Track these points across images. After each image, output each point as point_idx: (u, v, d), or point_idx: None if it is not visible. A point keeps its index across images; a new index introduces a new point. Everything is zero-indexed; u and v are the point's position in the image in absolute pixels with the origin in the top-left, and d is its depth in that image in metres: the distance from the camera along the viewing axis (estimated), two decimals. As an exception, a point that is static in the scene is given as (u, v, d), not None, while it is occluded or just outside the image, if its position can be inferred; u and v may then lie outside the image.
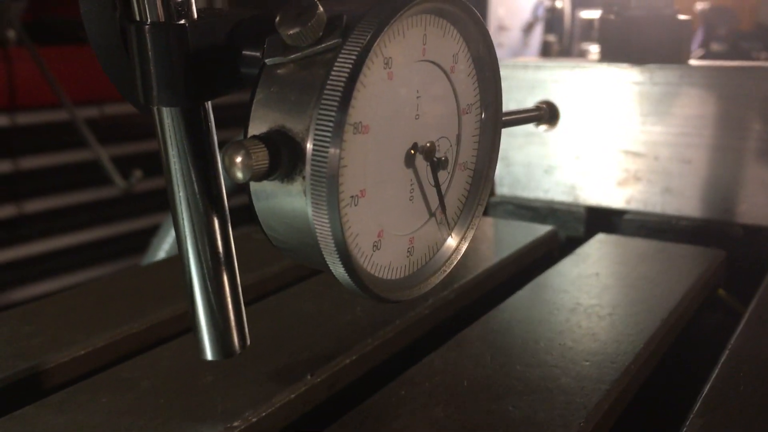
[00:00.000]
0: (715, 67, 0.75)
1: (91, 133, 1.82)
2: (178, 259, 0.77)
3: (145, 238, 1.42)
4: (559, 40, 2.70)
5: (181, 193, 0.39)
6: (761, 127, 0.72)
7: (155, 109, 0.38)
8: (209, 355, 0.42)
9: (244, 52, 0.39)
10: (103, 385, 0.48)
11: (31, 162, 1.88)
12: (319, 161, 0.31)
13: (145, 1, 0.36)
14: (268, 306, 0.60)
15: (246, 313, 0.54)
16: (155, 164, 1.55)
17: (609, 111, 0.81)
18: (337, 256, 0.33)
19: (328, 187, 0.31)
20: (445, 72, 0.38)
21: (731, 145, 0.73)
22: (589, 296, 0.59)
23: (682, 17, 0.80)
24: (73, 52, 1.89)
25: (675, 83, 0.75)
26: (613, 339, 0.52)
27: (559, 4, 2.67)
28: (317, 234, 0.33)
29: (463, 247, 0.41)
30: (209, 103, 0.39)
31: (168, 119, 0.38)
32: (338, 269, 0.34)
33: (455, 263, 0.41)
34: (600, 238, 0.75)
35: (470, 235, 0.42)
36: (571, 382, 0.45)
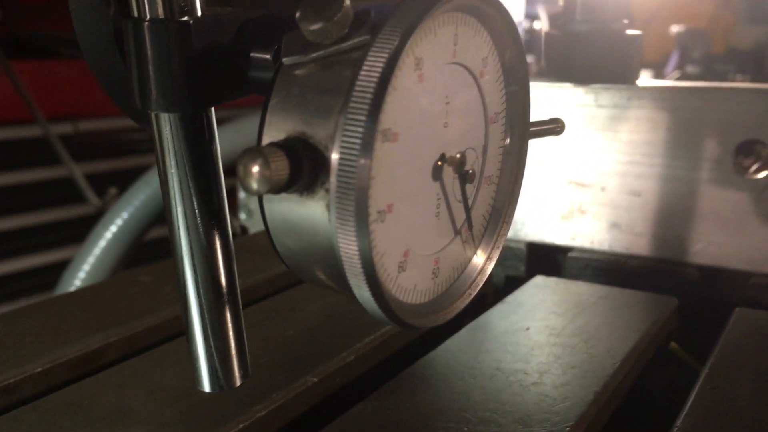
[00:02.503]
0: (665, 88, 0.67)
1: (65, 150, 1.76)
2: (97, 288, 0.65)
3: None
4: (538, 61, 2.71)
5: (179, 208, 0.36)
6: (718, 156, 0.64)
7: (153, 115, 0.35)
8: (207, 386, 0.38)
9: (252, 54, 0.35)
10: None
11: (2, 178, 1.82)
12: (346, 172, 0.28)
13: (144, -4, 0.32)
14: (130, 371, 0.50)
15: (96, 383, 0.48)
16: (131, 182, 1.50)
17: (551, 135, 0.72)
18: (364, 278, 0.29)
19: (357, 202, 0.28)
20: (474, 77, 0.35)
21: (685, 175, 0.65)
22: (514, 358, 0.50)
23: (631, 32, 0.72)
24: (47, 67, 1.84)
25: (622, 105, 0.67)
26: (535, 419, 0.42)
27: (537, 26, 2.67)
28: (341, 253, 0.29)
29: (489, 268, 0.38)
30: (212, 109, 0.36)
31: (167, 127, 0.35)
32: (363, 293, 0.30)
33: (480, 285, 0.38)
34: (537, 281, 0.66)
35: (496, 254, 0.39)
36: None
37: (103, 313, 0.57)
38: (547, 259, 0.74)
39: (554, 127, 0.46)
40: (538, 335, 0.53)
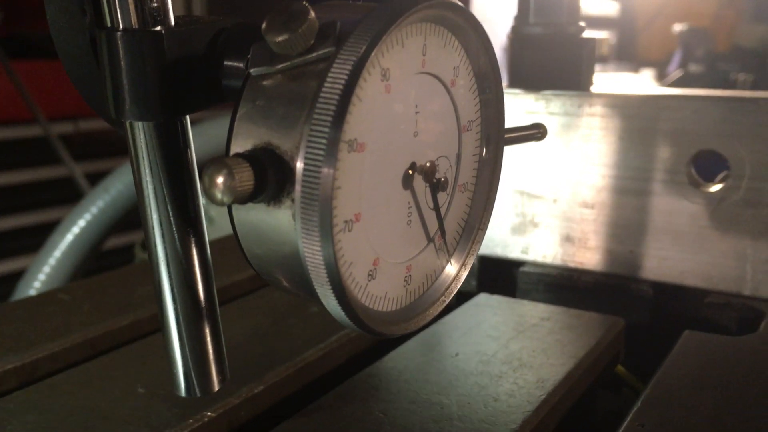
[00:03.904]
0: (617, 95, 0.63)
1: (66, 149, 1.77)
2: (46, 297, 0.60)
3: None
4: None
5: (155, 216, 0.36)
6: (672, 167, 0.60)
7: (127, 123, 0.35)
8: (183, 391, 0.38)
9: (226, 63, 0.35)
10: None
11: (3, 178, 1.83)
12: (310, 182, 0.28)
13: (117, 6, 0.33)
14: (40, 394, 0.46)
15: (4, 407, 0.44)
16: (131, 182, 1.45)
17: (502, 144, 0.67)
18: (330, 287, 0.29)
19: (321, 211, 0.28)
20: (445, 86, 0.35)
21: (638, 187, 0.62)
22: (435, 389, 0.45)
23: (586, 36, 0.68)
24: (47, 67, 1.85)
25: (573, 113, 0.64)
26: None
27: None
28: (307, 263, 0.29)
29: (463, 275, 0.38)
30: (187, 117, 0.36)
31: (141, 135, 0.35)
32: (330, 302, 0.30)
33: (455, 293, 0.38)
34: (479, 300, 0.61)
35: (470, 262, 0.39)
36: None
37: (8, 335, 0.53)
38: (499, 274, 0.70)
39: (535, 132, 0.47)
40: (466, 362, 0.49)
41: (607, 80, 0.73)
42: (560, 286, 0.65)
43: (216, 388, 0.38)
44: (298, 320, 0.55)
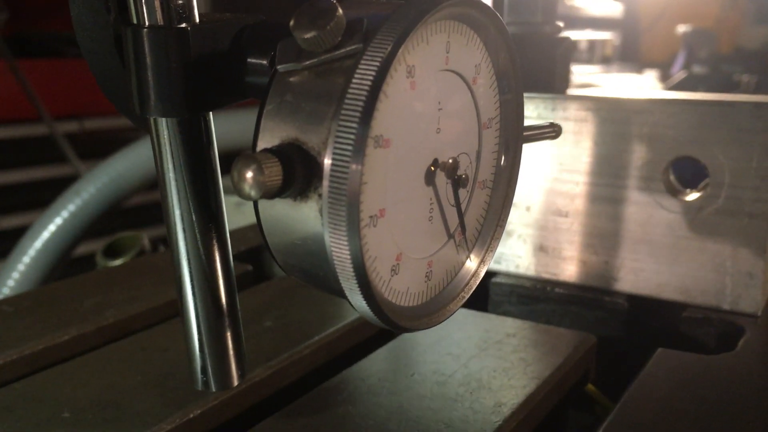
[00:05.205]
0: (592, 98, 0.60)
1: (71, 148, 1.77)
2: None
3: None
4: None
5: (177, 211, 0.36)
6: (648, 174, 0.57)
7: (151, 120, 0.35)
8: (201, 386, 0.39)
9: (249, 60, 0.36)
10: None
11: (8, 177, 1.83)
12: (338, 178, 0.28)
13: (144, 3, 0.33)
14: (14, 394, 0.45)
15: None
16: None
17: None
18: (356, 281, 0.30)
19: (348, 207, 0.28)
20: (467, 83, 0.35)
21: (613, 195, 0.59)
22: (384, 413, 0.42)
23: (562, 35, 0.65)
24: (53, 66, 1.85)
25: (547, 117, 0.61)
26: None
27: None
28: (334, 258, 0.30)
29: (482, 271, 0.39)
30: (210, 114, 0.37)
31: (165, 131, 0.35)
32: (355, 296, 0.31)
33: (474, 288, 0.38)
34: None
35: (489, 258, 0.39)
36: None
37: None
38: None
39: (550, 131, 0.47)
40: (421, 384, 0.46)
41: (609, 81, 0.71)
42: (533, 297, 0.63)
43: (235, 383, 0.39)
44: (249, 336, 0.52)
